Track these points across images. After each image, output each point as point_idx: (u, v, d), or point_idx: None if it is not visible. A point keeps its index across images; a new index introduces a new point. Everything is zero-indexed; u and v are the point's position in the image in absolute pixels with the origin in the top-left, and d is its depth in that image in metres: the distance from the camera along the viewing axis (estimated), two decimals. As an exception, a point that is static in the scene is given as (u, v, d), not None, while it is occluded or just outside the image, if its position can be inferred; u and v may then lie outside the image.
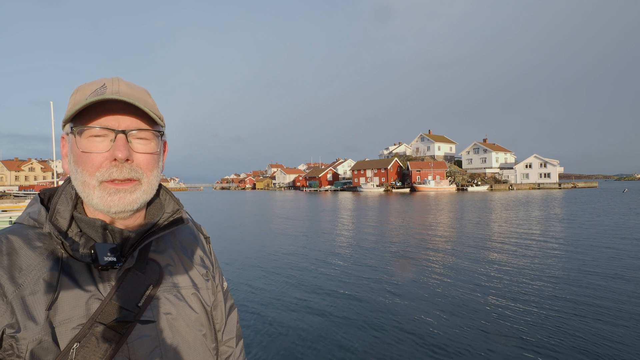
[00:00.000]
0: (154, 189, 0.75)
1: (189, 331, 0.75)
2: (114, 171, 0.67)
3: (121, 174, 0.68)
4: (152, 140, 0.73)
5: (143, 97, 0.73)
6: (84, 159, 0.67)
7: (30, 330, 0.60)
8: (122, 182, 0.69)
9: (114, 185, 0.68)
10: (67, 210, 0.70)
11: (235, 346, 0.92)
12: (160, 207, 0.82)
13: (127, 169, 0.68)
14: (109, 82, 0.70)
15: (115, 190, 0.68)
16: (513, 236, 12.91)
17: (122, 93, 0.69)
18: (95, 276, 0.67)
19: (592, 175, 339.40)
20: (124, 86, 0.71)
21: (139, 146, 0.71)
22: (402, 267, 8.76)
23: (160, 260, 0.77)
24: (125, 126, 0.69)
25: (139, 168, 0.71)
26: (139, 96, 0.71)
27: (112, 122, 0.68)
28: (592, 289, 6.61)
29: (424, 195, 48.89)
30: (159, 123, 0.73)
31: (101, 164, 0.67)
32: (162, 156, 0.78)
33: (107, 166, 0.67)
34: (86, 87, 0.70)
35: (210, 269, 0.88)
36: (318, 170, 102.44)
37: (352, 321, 5.38)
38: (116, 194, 0.68)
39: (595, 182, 77.18)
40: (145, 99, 0.73)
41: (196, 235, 0.90)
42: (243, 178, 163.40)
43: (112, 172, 0.67)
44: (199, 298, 0.80)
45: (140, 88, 0.75)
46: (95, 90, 0.68)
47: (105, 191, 0.67)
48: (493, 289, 6.71)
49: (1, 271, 0.62)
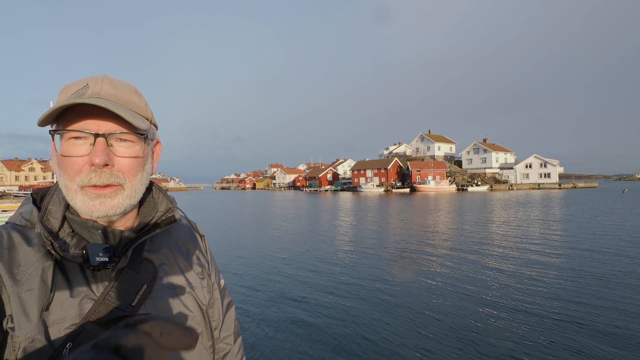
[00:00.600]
0: (138, 193, 0.72)
1: None
2: (93, 176, 0.65)
3: (100, 179, 0.66)
4: (137, 143, 0.70)
5: (128, 97, 0.70)
6: (64, 162, 0.66)
7: (23, 328, 0.59)
8: (102, 187, 0.67)
9: (95, 190, 0.66)
10: (59, 211, 0.69)
11: (233, 343, 0.91)
12: (154, 206, 0.81)
13: (106, 175, 0.66)
14: (92, 82, 0.68)
15: (96, 195, 0.66)
16: (513, 236, 12.92)
17: (104, 94, 0.66)
18: (88, 276, 0.66)
19: (592, 175, 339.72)
20: (108, 86, 0.68)
21: (121, 150, 0.68)
22: (401, 267, 8.76)
23: (154, 259, 0.76)
24: (105, 130, 0.66)
25: (121, 173, 0.68)
26: (122, 96, 0.69)
27: (91, 125, 0.65)
28: (591, 289, 6.62)
29: (424, 196, 48.90)
30: (140, 127, 0.68)
31: (81, 168, 0.65)
32: (150, 158, 0.76)
33: (87, 171, 0.65)
34: (70, 87, 0.68)
35: (206, 267, 0.87)
36: (318, 170, 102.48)
37: (351, 321, 5.39)
38: (97, 199, 0.66)
39: (595, 182, 77.20)
40: (130, 99, 0.70)
41: (191, 234, 0.90)
42: (243, 178, 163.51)
43: (91, 178, 0.65)
44: (194, 297, 0.79)
45: (127, 87, 0.72)
46: (77, 91, 0.66)
47: (86, 196, 0.66)
48: (492, 289, 6.72)
49: (1, 264, 0.62)
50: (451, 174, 72.10)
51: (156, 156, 0.80)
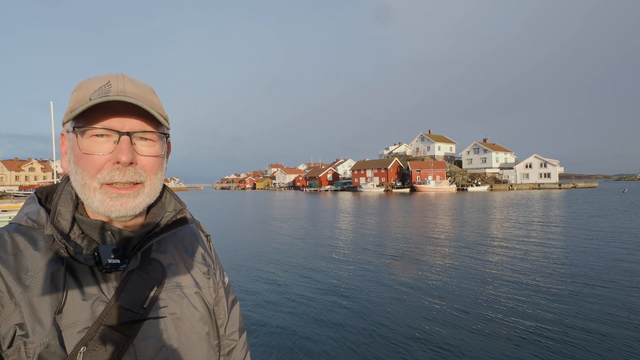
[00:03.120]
0: (157, 192, 0.73)
1: (193, 330, 0.76)
2: (116, 174, 0.65)
3: (124, 177, 0.66)
4: (157, 142, 0.71)
5: (149, 97, 0.70)
6: (85, 160, 0.65)
7: (38, 334, 0.59)
8: (125, 185, 0.67)
9: (116, 189, 0.66)
10: (68, 212, 0.68)
11: (238, 339, 0.93)
12: (162, 206, 0.80)
13: (130, 172, 0.67)
14: (114, 80, 0.68)
15: (117, 195, 0.66)
16: (512, 237, 12.92)
17: (128, 93, 0.66)
18: (98, 278, 0.66)
19: (592, 175, 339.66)
20: (130, 85, 0.68)
21: (143, 149, 0.69)
22: (401, 267, 8.77)
23: (162, 259, 0.76)
24: (129, 128, 0.66)
25: (143, 171, 0.69)
26: (145, 96, 0.69)
27: (116, 123, 0.65)
28: (592, 288, 6.62)
29: (424, 195, 48.91)
30: (165, 125, 0.71)
31: (103, 165, 0.65)
32: (166, 158, 0.76)
33: (109, 168, 0.65)
34: (89, 84, 0.67)
35: (212, 266, 0.88)
36: (318, 170, 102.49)
37: (350, 320, 5.39)
38: (118, 199, 0.66)
39: (595, 182, 77.28)
40: (152, 99, 0.71)
41: (196, 234, 0.90)
42: (243, 178, 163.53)
43: (114, 175, 0.65)
44: (202, 296, 0.80)
45: (146, 86, 0.72)
46: (100, 89, 0.66)
47: (106, 195, 0.66)
48: (492, 290, 6.73)
49: (7, 271, 0.61)
50: (451, 174, 72.10)
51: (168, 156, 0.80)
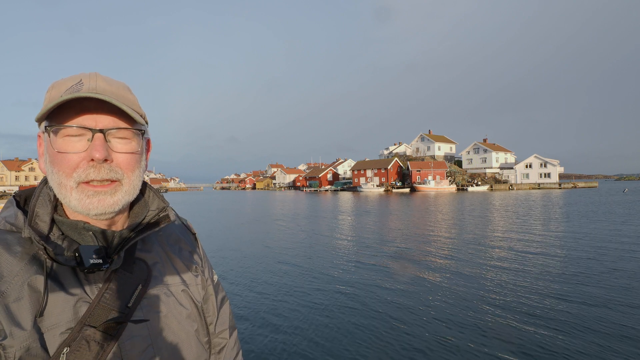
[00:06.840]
0: (136, 189, 0.72)
1: (180, 328, 0.75)
2: (91, 172, 0.64)
3: (99, 174, 0.65)
4: (133, 139, 0.70)
5: (122, 93, 0.70)
6: (59, 159, 0.65)
7: (17, 337, 0.58)
8: (101, 183, 0.66)
9: (92, 187, 0.65)
10: (46, 213, 0.67)
11: (229, 337, 0.92)
12: (145, 205, 0.80)
13: (105, 170, 0.66)
14: (86, 78, 0.67)
15: (94, 193, 0.65)
16: (512, 237, 12.93)
17: (100, 90, 0.66)
18: (81, 279, 0.65)
19: (592, 175, 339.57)
20: (102, 82, 0.68)
21: (118, 146, 0.68)
22: (401, 267, 8.78)
23: (147, 258, 0.76)
24: (103, 125, 0.66)
25: (119, 168, 0.68)
26: (118, 92, 0.68)
27: (89, 121, 0.65)
28: (591, 288, 6.63)
29: (424, 195, 48.91)
30: (139, 121, 0.69)
31: (78, 164, 0.64)
32: (144, 155, 0.76)
33: (85, 167, 0.64)
34: (62, 83, 0.67)
35: (199, 264, 0.88)
36: (318, 170, 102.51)
37: (350, 320, 5.40)
38: (95, 197, 0.65)
39: (595, 182, 77.22)
40: (125, 95, 0.70)
41: (183, 231, 0.90)
42: (243, 178, 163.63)
43: (89, 173, 0.64)
44: (189, 294, 0.80)
45: (120, 83, 0.72)
46: (71, 87, 0.65)
47: (83, 193, 0.65)
48: (491, 289, 6.73)
49: None
50: (451, 174, 72.11)
51: (148, 153, 0.79)
